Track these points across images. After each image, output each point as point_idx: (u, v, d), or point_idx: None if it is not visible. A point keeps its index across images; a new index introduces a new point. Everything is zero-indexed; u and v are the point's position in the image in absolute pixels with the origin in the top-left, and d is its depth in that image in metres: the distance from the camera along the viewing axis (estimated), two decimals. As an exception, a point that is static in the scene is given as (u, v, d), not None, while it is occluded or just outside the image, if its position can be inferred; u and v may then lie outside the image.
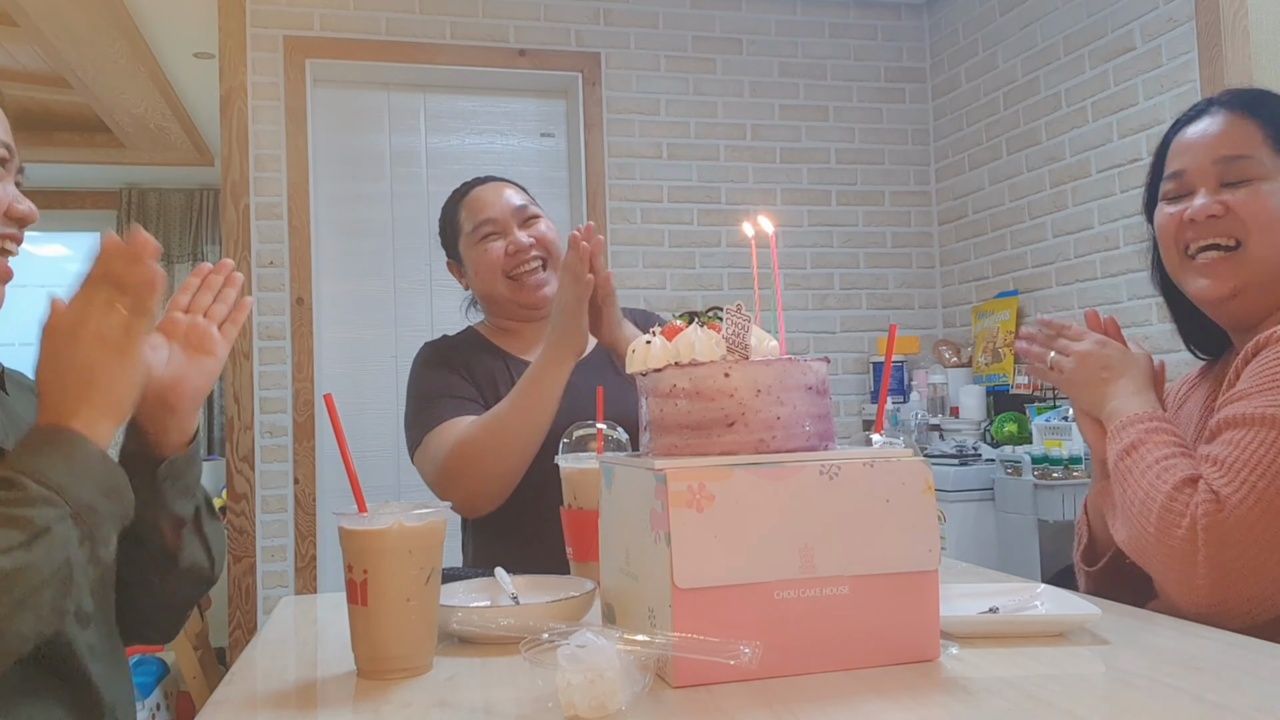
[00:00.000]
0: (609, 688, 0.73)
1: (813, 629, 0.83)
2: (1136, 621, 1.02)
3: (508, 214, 1.66)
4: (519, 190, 1.73)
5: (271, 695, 0.86)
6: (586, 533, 1.18)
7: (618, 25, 3.65)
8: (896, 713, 0.73)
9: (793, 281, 3.77)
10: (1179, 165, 1.24)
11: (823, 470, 0.84)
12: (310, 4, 3.36)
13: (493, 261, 1.64)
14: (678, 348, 0.90)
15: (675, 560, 0.79)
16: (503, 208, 1.66)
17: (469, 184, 1.75)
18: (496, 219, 1.65)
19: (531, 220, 1.67)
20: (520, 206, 1.67)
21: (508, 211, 1.66)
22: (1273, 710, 0.71)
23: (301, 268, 3.31)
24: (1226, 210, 1.18)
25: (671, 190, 3.67)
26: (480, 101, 3.62)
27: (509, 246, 1.64)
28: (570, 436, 1.36)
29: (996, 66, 3.57)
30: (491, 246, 1.65)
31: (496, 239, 1.65)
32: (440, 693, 0.84)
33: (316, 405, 3.27)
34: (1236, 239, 1.18)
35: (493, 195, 1.69)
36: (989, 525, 2.88)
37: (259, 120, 3.29)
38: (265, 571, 3.24)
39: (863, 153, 3.89)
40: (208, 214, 6.00)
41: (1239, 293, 1.19)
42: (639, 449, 0.97)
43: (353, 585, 0.89)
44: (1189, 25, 2.74)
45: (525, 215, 1.67)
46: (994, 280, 3.61)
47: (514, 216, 1.66)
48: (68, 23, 3.56)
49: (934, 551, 0.86)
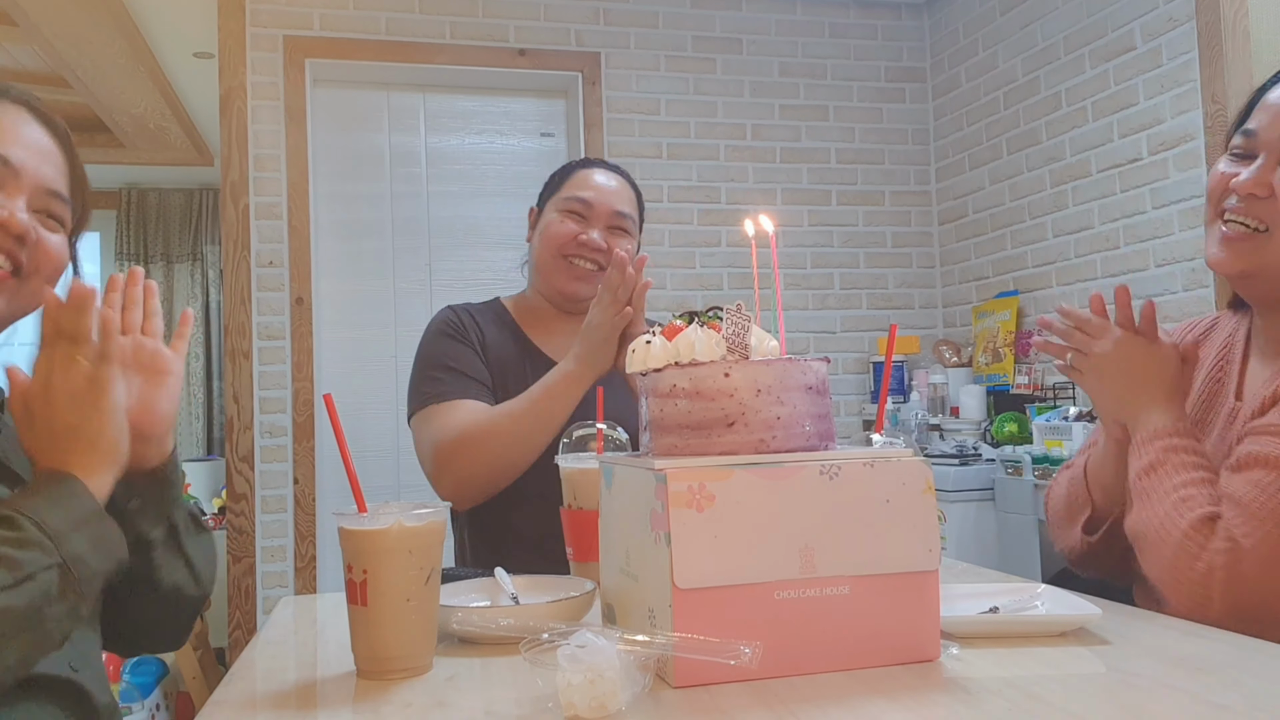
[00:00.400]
0: (609, 688, 0.73)
1: (813, 629, 0.82)
2: (1136, 621, 1.02)
3: (604, 209, 1.63)
4: (633, 198, 1.69)
5: (271, 695, 0.86)
6: (586, 533, 1.18)
7: (618, 25, 3.65)
8: (896, 713, 0.73)
9: (793, 281, 3.77)
10: (1255, 123, 1.19)
11: (823, 470, 0.84)
12: (310, 4, 3.36)
13: (558, 234, 1.62)
14: (678, 347, 0.90)
15: (675, 560, 0.79)
16: (605, 201, 1.63)
17: (599, 161, 1.73)
18: (592, 204, 1.63)
19: (618, 231, 1.64)
20: (619, 213, 1.64)
21: (606, 207, 1.63)
22: (1273, 710, 0.71)
23: (301, 267, 3.31)
24: (1271, 194, 1.14)
25: (671, 190, 3.67)
26: (480, 101, 3.62)
27: (581, 235, 1.61)
28: (570, 436, 1.36)
29: (997, 66, 3.57)
30: (568, 222, 1.62)
31: (577, 219, 1.62)
32: (440, 693, 0.84)
33: (316, 405, 3.26)
34: (1267, 224, 1.15)
35: (606, 185, 1.65)
36: (989, 525, 2.88)
37: (258, 120, 3.29)
38: (265, 572, 3.24)
39: (863, 152, 3.89)
40: (207, 214, 6.00)
41: (1248, 276, 1.17)
42: (639, 449, 0.97)
43: (352, 585, 0.89)
44: (1189, 25, 2.74)
45: (617, 223, 1.64)
46: (994, 280, 3.61)
47: (607, 216, 1.63)
48: (67, 23, 3.56)
49: (934, 551, 0.86)
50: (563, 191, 1.66)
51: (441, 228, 3.57)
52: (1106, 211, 3.07)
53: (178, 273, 6.01)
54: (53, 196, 1.01)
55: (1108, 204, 3.06)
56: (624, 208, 1.65)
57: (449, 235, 3.56)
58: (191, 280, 6.02)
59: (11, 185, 0.97)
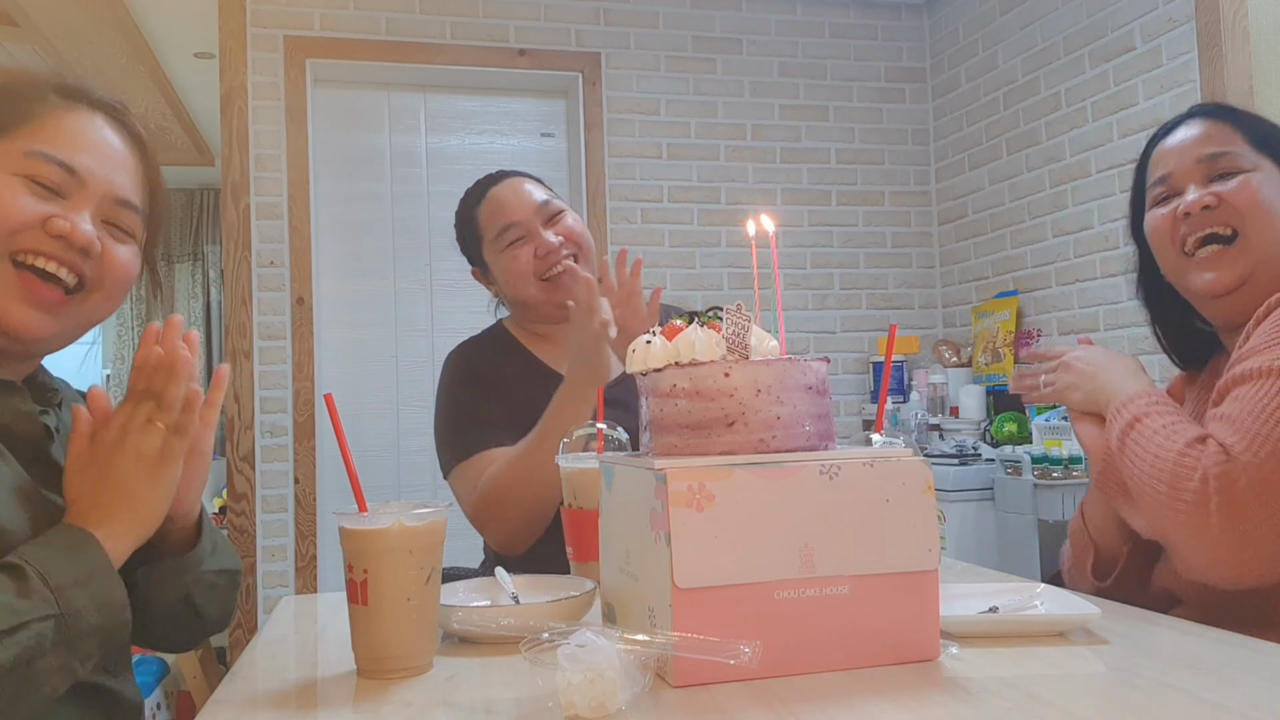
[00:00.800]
0: (609, 687, 0.73)
1: (813, 629, 0.83)
2: (1136, 621, 1.02)
3: (531, 214, 1.58)
4: (538, 184, 1.64)
5: (272, 695, 0.86)
6: (586, 532, 1.18)
7: (618, 25, 3.65)
8: (896, 713, 0.73)
9: (793, 281, 3.77)
10: (1164, 170, 1.25)
11: (823, 470, 0.84)
12: (310, 4, 3.36)
13: (522, 267, 1.57)
14: (678, 347, 0.90)
15: (675, 560, 0.79)
16: (524, 208, 1.58)
17: (483, 183, 1.67)
18: (520, 221, 1.58)
19: (556, 216, 1.59)
20: (543, 202, 1.59)
21: (530, 211, 1.58)
22: (1273, 710, 0.71)
23: (302, 267, 3.31)
24: (1220, 201, 1.19)
25: (671, 190, 3.67)
26: (480, 101, 3.62)
27: (538, 249, 1.56)
28: (570, 436, 1.36)
29: (996, 66, 3.57)
30: (520, 252, 1.57)
31: (523, 243, 1.57)
32: (440, 693, 0.84)
33: (317, 405, 3.27)
34: (1233, 228, 1.18)
35: (512, 195, 1.61)
36: (989, 525, 2.88)
37: (259, 120, 3.29)
38: (265, 571, 3.24)
39: (863, 153, 3.89)
40: (208, 214, 6.00)
41: (1245, 282, 1.18)
42: (639, 449, 0.97)
43: (353, 585, 0.89)
44: (1189, 25, 2.74)
45: (550, 212, 1.59)
46: (994, 280, 3.61)
47: (538, 215, 1.58)
48: (68, 23, 3.57)
49: (934, 551, 0.86)
50: (488, 235, 1.62)
51: (442, 228, 3.55)
52: (1106, 212, 3.07)
53: (178, 272, 6.01)
54: (123, 206, 0.98)
55: (1107, 204, 3.06)
56: (541, 195, 1.61)
57: (449, 235, 3.50)
58: (192, 280, 6.02)
59: (77, 194, 0.94)
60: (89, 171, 0.95)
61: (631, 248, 3.57)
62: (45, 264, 0.92)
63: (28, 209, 0.91)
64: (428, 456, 3.47)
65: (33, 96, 0.95)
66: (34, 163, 0.92)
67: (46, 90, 0.96)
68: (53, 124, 0.94)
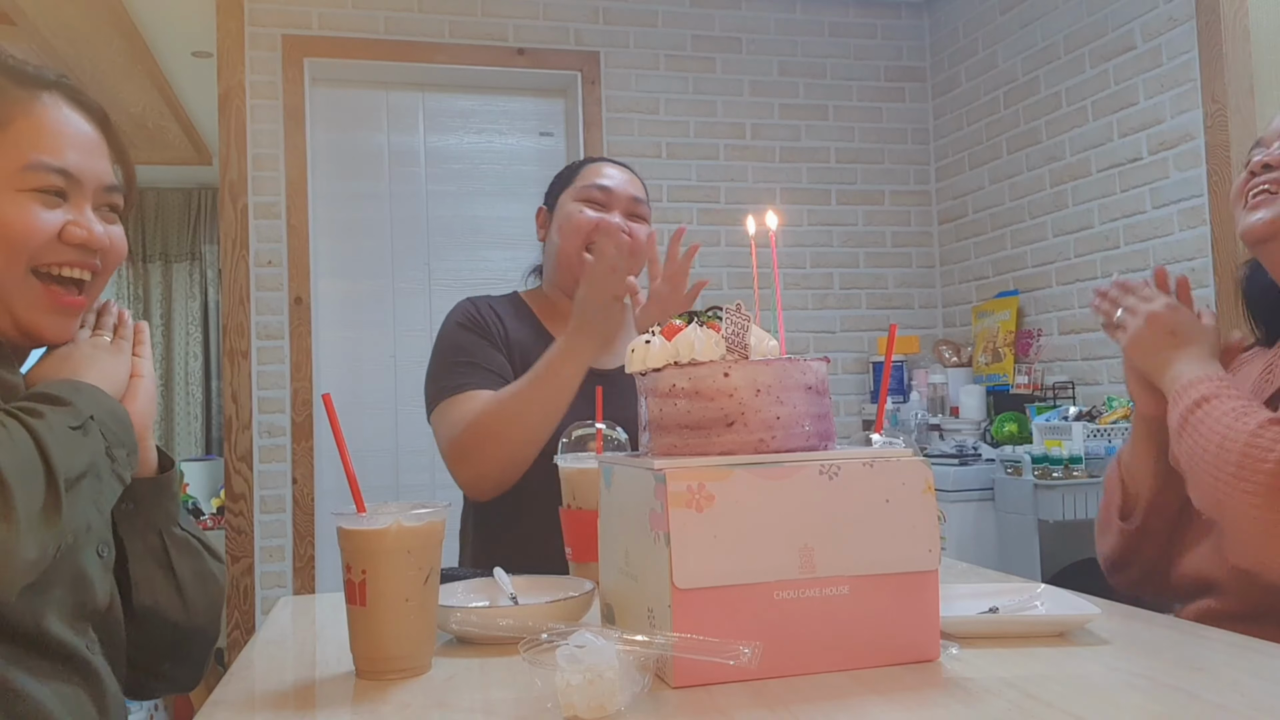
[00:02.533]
0: (608, 688, 0.72)
1: (813, 629, 0.82)
2: (1136, 622, 1.02)
3: (623, 194, 1.65)
4: (644, 191, 1.73)
5: (270, 696, 0.86)
6: (586, 533, 1.18)
7: (617, 24, 3.64)
8: (896, 713, 0.73)
9: (792, 281, 3.77)
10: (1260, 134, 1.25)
11: (822, 470, 0.84)
12: (308, 3, 3.36)
13: (580, 224, 1.62)
14: (677, 347, 0.90)
15: (675, 560, 0.79)
16: (621, 187, 1.66)
17: (602, 158, 1.75)
18: (612, 190, 1.65)
19: (636, 218, 1.67)
20: (635, 199, 1.67)
21: (624, 192, 1.66)
22: (1273, 710, 0.71)
23: (300, 267, 3.30)
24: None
25: (671, 190, 3.66)
26: (479, 100, 3.62)
27: (601, 223, 1.62)
28: (569, 436, 1.35)
29: (996, 65, 3.57)
30: (588, 211, 1.63)
31: (596, 208, 1.64)
32: (439, 693, 0.83)
33: (315, 405, 3.26)
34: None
35: (620, 174, 1.69)
36: (989, 525, 2.87)
37: (257, 119, 3.29)
38: (263, 572, 3.24)
39: (862, 152, 3.89)
40: (206, 213, 6.00)
41: None
42: (638, 449, 0.97)
43: (351, 585, 0.88)
44: (1189, 24, 2.74)
45: (635, 208, 1.67)
46: (994, 280, 3.61)
47: (626, 202, 1.65)
48: (65, 22, 3.56)
49: (934, 551, 0.86)
50: (578, 182, 1.68)
51: (440, 227, 3.56)
52: (1106, 211, 3.07)
53: (176, 272, 6.01)
54: (110, 191, 1.01)
55: (1108, 203, 3.06)
56: (639, 193, 1.69)
57: (448, 235, 3.56)
58: (190, 280, 6.02)
59: (76, 194, 0.96)
60: (81, 169, 0.97)
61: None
62: (70, 272, 0.96)
63: (44, 224, 0.93)
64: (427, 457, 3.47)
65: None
66: (36, 175, 0.93)
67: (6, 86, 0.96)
68: (33, 124, 0.95)
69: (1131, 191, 2.97)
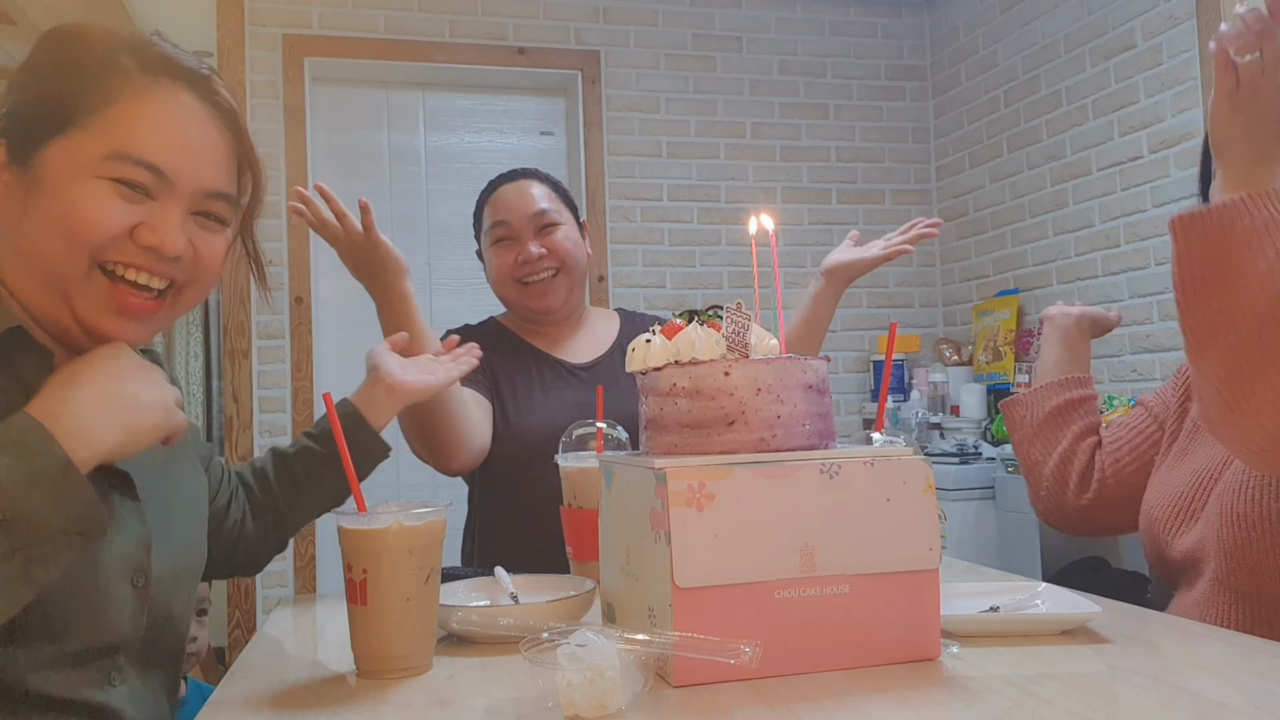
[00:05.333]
0: (609, 687, 0.72)
1: (813, 628, 0.82)
2: (1136, 621, 1.02)
3: (524, 219, 1.63)
4: (548, 191, 1.68)
5: (271, 695, 0.86)
6: (586, 532, 1.18)
7: (617, 23, 3.64)
8: (897, 712, 0.73)
9: (793, 280, 3.76)
10: None
11: (823, 469, 0.84)
12: (309, 2, 3.36)
13: (500, 267, 1.65)
14: (678, 346, 0.90)
15: (675, 559, 0.79)
16: (520, 211, 1.63)
17: (499, 178, 1.72)
18: (511, 223, 1.63)
19: (549, 228, 1.63)
20: (539, 211, 1.63)
21: (524, 217, 1.63)
22: (1273, 710, 0.71)
23: (300, 267, 3.31)
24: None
25: (671, 189, 3.66)
26: (479, 100, 3.62)
27: (519, 255, 1.62)
28: (570, 436, 1.35)
29: (997, 64, 3.57)
30: (504, 252, 1.64)
31: (509, 244, 1.64)
32: (440, 693, 0.84)
33: (316, 404, 3.26)
34: None
35: (514, 196, 1.65)
36: (990, 524, 2.87)
37: (257, 118, 3.28)
38: (264, 571, 3.23)
39: (863, 151, 3.89)
40: (207, 213, 6.00)
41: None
42: (638, 448, 0.97)
43: (352, 585, 0.88)
44: (1189, 23, 2.74)
45: (543, 222, 1.63)
46: (994, 279, 3.61)
47: (531, 223, 1.63)
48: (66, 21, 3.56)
49: (935, 550, 0.86)
50: (484, 225, 1.69)
51: (441, 227, 3.56)
52: (1107, 210, 3.07)
53: (177, 272, 6.01)
54: (214, 198, 0.92)
55: (1108, 202, 3.06)
56: (541, 204, 1.64)
57: (448, 234, 3.56)
58: (191, 279, 6.01)
59: (165, 195, 0.88)
60: (177, 171, 0.88)
61: (631, 246, 3.59)
62: (136, 275, 0.88)
63: (115, 219, 0.85)
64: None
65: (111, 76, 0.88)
66: (118, 165, 0.85)
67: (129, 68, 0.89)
68: (134, 112, 0.87)
69: (1132, 190, 2.96)
